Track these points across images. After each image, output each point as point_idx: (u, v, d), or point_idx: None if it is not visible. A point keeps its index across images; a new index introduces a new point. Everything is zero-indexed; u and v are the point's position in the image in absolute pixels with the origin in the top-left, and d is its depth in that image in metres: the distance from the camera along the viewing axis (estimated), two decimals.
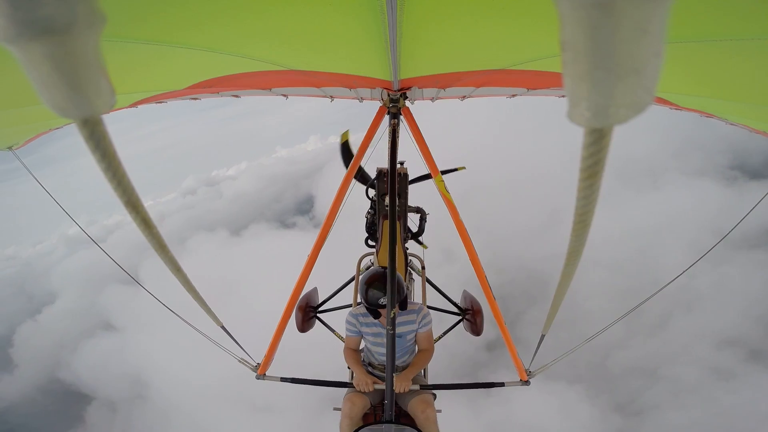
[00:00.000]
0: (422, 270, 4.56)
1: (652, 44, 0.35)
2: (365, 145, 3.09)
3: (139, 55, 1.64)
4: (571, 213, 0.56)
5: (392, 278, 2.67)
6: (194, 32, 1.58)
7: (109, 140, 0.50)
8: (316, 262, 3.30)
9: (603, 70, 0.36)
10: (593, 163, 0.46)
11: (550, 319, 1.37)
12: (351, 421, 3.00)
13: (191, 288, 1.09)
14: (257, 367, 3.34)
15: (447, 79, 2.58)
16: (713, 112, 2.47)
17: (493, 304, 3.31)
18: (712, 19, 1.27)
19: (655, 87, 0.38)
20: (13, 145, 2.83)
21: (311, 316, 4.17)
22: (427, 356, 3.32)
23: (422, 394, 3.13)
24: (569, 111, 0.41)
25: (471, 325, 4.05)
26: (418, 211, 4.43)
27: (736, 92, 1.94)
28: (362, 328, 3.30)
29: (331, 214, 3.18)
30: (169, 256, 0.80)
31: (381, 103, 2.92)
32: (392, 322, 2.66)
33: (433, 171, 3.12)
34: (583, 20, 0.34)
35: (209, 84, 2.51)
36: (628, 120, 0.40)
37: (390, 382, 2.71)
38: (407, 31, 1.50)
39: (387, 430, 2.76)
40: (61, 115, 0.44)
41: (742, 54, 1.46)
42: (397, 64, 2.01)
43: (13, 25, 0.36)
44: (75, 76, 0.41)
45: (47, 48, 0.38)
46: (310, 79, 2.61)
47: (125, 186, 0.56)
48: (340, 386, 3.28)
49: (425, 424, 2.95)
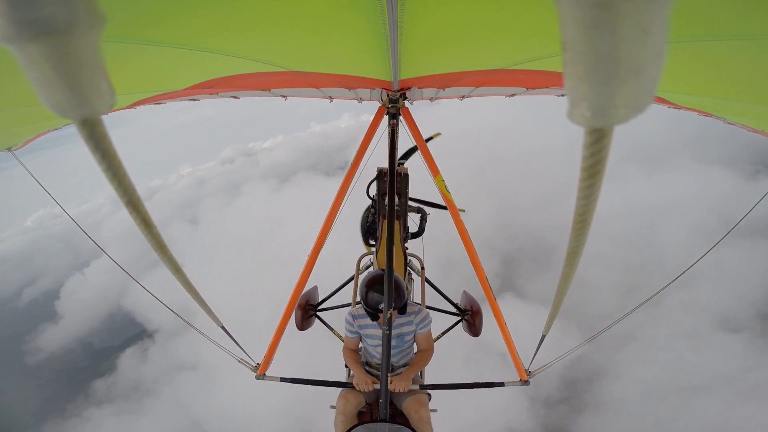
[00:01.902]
0: (421, 270, 4.55)
1: (652, 44, 0.35)
2: (365, 146, 3.09)
3: (139, 55, 1.64)
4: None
5: (389, 277, 2.67)
6: (194, 33, 1.58)
7: (109, 140, 0.50)
8: (315, 262, 3.30)
9: (603, 71, 0.36)
10: (594, 163, 0.46)
11: (551, 319, 1.37)
12: (345, 417, 3.01)
13: (191, 288, 1.08)
14: (257, 368, 3.33)
15: (446, 79, 2.58)
16: (711, 111, 2.47)
17: (493, 305, 3.31)
18: (711, 19, 1.28)
19: (655, 87, 0.38)
20: (12, 146, 2.82)
21: (311, 314, 4.16)
22: (427, 356, 3.32)
23: (417, 395, 3.13)
24: (570, 111, 0.41)
25: (470, 326, 4.04)
26: (418, 211, 4.42)
27: (734, 91, 1.94)
28: (361, 329, 3.30)
29: (331, 214, 3.18)
30: (168, 256, 0.80)
31: (380, 103, 2.92)
32: (389, 322, 2.66)
33: (433, 171, 3.12)
34: (583, 20, 0.34)
35: (208, 85, 2.50)
36: (629, 120, 0.40)
37: (385, 382, 2.72)
38: (407, 32, 1.50)
39: (381, 429, 2.76)
40: (61, 115, 0.44)
41: (741, 53, 1.46)
42: (396, 64, 2.01)
43: (13, 26, 0.35)
44: (75, 77, 0.40)
45: (47, 48, 0.38)
46: (309, 79, 2.61)
47: (126, 186, 0.56)
48: (339, 386, 3.27)
49: (419, 425, 2.95)
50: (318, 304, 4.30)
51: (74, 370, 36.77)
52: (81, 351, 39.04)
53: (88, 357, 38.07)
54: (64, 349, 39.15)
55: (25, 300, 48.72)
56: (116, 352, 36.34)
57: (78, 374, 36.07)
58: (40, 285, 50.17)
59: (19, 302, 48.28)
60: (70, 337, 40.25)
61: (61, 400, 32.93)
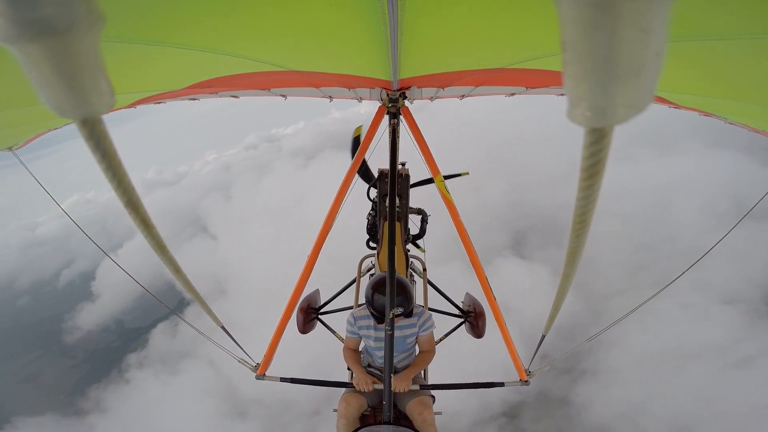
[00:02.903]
0: (424, 272, 4.53)
1: (652, 44, 0.35)
2: (365, 146, 3.08)
3: (139, 55, 1.63)
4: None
5: (391, 278, 2.66)
6: (193, 33, 1.57)
7: (110, 140, 0.50)
8: (316, 262, 3.30)
9: (603, 70, 0.36)
10: (594, 162, 0.46)
11: (551, 320, 1.37)
12: (347, 421, 2.99)
13: (191, 289, 1.08)
14: (257, 368, 3.33)
15: (446, 78, 2.57)
16: (712, 111, 2.47)
17: (493, 305, 3.31)
18: (710, 18, 1.27)
19: (655, 86, 0.38)
20: (12, 146, 2.82)
21: (312, 317, 4.15)
22: (429, 357, 3.31)
23: (420, 396, 3.11)
24: (569, 110, 0.41)
25: (473, 328, 4.02)
26: (419, 212, 4.41)
27: (734, 91, 1.94)
28: (362, 331, 3.30)
29: (331, 214, 3.17)
30: (168, 257, 0.79)
31: (380, 103, 2.91)
32: (391, 322, 2.65)
33: (433, 171, 3.12)
34: (583, 20, 0.34)
35: (208, 84, 2.50)
36: (629, 119, 0.40)
37: (388, 383, 2.70)
38: (407, 31, 1.50)
39: (385, 431, 2.75)
40: (61, 115, 0.44)
41: (741, 53, 1.46)
42: (396, 63, 2.01)
43: (13, 26, 0.35)
44: (75, 76, 0.40)
45: (47, 48, 0.38)
46: (309, 79, 2.61)
47: (125, 186, 0.56)
48: (339, 386, 3.27)
49: (422, 427, 2.92)
50: (320, 307, 4.29)
51: (109, 348, 41.10)
52: (115, 328, 43.09)
53: (122, 335, 42.17)
54: (100, 327, 43.80)
55: (63, 281, 52.67)
56: (149, 329, 39.90)
57: (113, 350, 40.29)
58: (77, 267, 54.42)
59: (57, 284, 52.76)
60: (106, 316, 43.98)
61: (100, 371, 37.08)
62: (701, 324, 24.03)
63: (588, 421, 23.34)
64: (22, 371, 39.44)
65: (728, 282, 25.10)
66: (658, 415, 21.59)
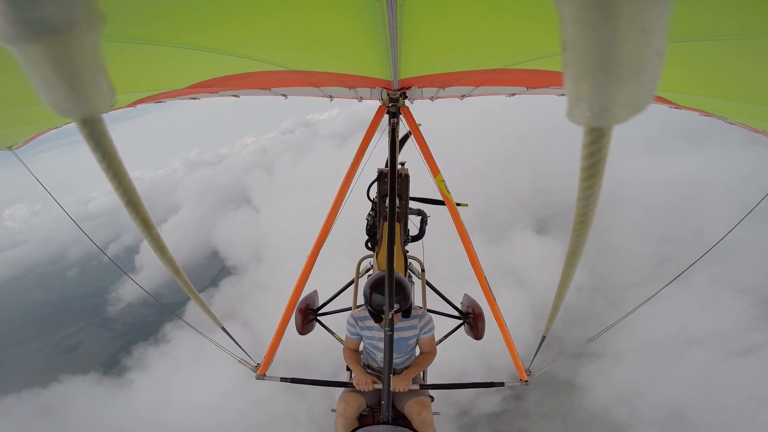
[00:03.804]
0: (422, 273, 4.52)
1: (652, 44, 0.35)
2: (365, 145, 3.08)
3: (139, 55, 1.63)
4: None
5: (390, 279, 2.66)
6: (194, 33, 1.57)
7: (110, 139, 0.50)
8: (315, 262, 3.30)
9: (603, 70, 0.36)
10: (594, 162, 0.46)
11: (550, 320, 1.37)
12: (346, 420, 2.99)
13: (191, 290, 1.08)
14: (257, 368, 3.33)
15: (447, 78, 2.57)
16: (712, 111, 2.47)
17: (493, 306, 3.31)
18: (710, 18, 1.27)
19: (655, 86, 0.38)
20: (12, 145, 2.82)
21: (311, 318, 4.15)
22: (429, 358, 3.32)
23: (419, 397, 3.11)
24: (569, 110, 0.41)
25: (472, 329, 4.00)
26: (419, 213, 4.41)
27: (734, 91, 1.94)
28: (362, 331, 3.30)
29: (331, 215, 3.17)
30: (168, 258, 0.79)
31: (380, 102, 2.91)
32: (390, 323, 2.65)
33: (433, 171, 3.12)
34: (583, 20, 0.34)
35: (209, 84, 2.50)
36: (628, 119, 0.40)
37: (387, 383, 2.70)
38: (407, 31, 1.50)
39: (383, 431, 2.74)
40: (62, 114, 0.44)
41: (741, 53, 1.46)
42: (397, 63, 2.01)
43: (13, 26, 0.35)
44: (75, 76, 0.40)
45: (47, 48, 0.38)
46: (309, 78, 2.61)
47: (126, 186, 0.56)
48: (339, 386, 3.27)
49: (421, 427, 2.92)
50: (318, 308, 4.28)
51: (144, 322, 45.23)
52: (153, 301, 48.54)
53: (159, 308, 45.61)
54: (141, 298, 47.88)
55: (110, 254, 55.99)
56: (184, 303, 43.42)
57: (148, 324, 44.47)
58: (123, 240, 59.13)
59: (103, 257, 56.95)
60: (147, 287, 48.14)
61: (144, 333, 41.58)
62: (709, 311, 24.16)
63: (588, 404, 23.66)
64: (64, 342, 44.99)
65: (748, 273, 25.14)
66: (654, 399, 21.88)
